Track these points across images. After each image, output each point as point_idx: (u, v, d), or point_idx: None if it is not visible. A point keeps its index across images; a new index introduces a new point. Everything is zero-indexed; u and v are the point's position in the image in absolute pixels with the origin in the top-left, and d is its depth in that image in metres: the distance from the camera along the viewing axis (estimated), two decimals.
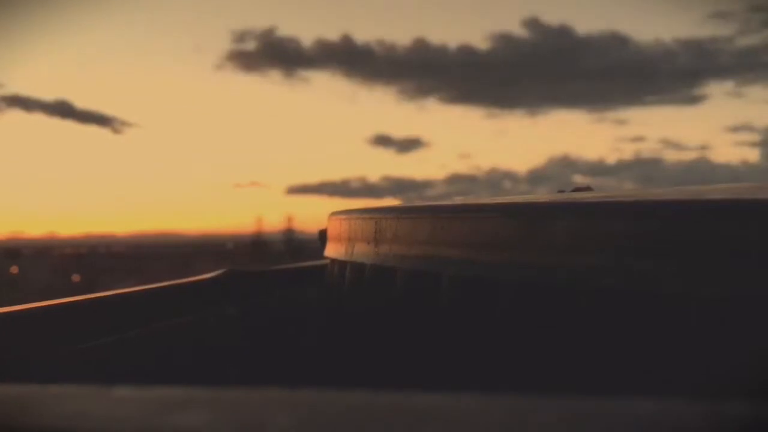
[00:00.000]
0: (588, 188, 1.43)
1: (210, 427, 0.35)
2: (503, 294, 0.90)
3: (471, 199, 1.33)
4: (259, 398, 0.38)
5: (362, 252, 1.20)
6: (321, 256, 1.57)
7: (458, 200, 1.35)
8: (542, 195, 1.29)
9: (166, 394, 0.40)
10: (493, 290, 0.91)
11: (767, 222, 0.68)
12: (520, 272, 0.88)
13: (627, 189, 1.17)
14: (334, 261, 1.39)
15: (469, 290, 0.96)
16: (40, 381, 0.43)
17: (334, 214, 1.46)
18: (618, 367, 0.76)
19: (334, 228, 1.42)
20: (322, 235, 1.59)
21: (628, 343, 0.76)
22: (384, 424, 0.34)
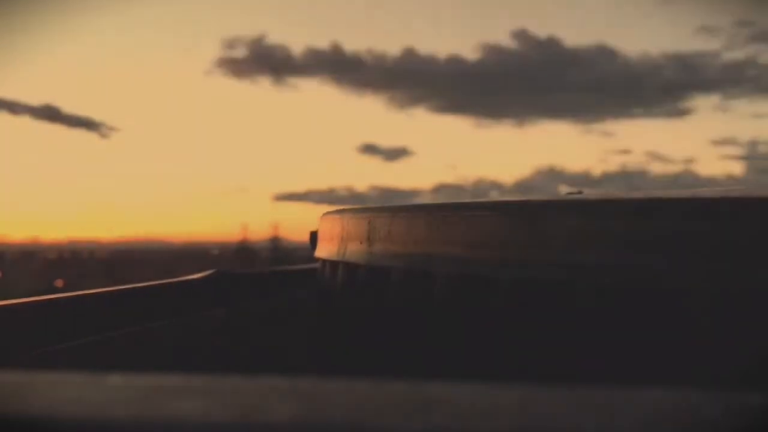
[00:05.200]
0: (580, 193, 1.43)
1: (205, 414, 0.34)
2: (499, 292, 0.89)
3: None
4: (255, 386, 0.37)
5: (355, 252, 1.19)
6: (308, 264, 1.56)
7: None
8: (537, 196, 1.29)
9: (161, 381, 0.39)
10: (488, 289, 0.90)
11: (764, 218, 0.68)
12: (516, 270, 0.87)
13: (620, 192, 1.17)
14: (325, 261, 1.38)
15: (465, 289, 0.95)
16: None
17: (326, 214, 1.45)
18: (618, 364, 0.75)
19: (326, 228, 1.41)
20: (313, 237, 1.58)
21: (628, 340, 0.76)
22: (385, 411, 0.33)
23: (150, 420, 0.33)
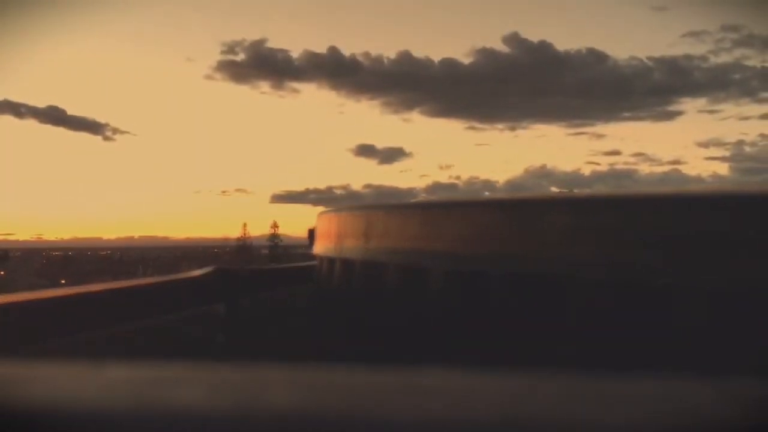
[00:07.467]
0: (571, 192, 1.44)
1: (205, 403, 0.35)
2: (494, 287, 0.90)
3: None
4: (254, 375, 0.38)
5: (352, 248, 1.20)
6: (306, 261, 1.57)
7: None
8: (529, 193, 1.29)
9: (160, 371, 0.40)
10: (483, 283, 0.91)
11: (753, 213, 0.69)
12: (509, 266, 0.88)
13: (611, 191, 1.17)
14: (323, 258, 1.39)
15: (460, 284, 0.96)
16: None
17: (324, 212, 1.46)
18: (611, 358, 0.76)
19: (324, 225, 1.42)
20: (311, 234, 1.59)
21: (620, 334, 0.76)
22: (382, 399, 0.34)
23: (150, 408, 0.34)
